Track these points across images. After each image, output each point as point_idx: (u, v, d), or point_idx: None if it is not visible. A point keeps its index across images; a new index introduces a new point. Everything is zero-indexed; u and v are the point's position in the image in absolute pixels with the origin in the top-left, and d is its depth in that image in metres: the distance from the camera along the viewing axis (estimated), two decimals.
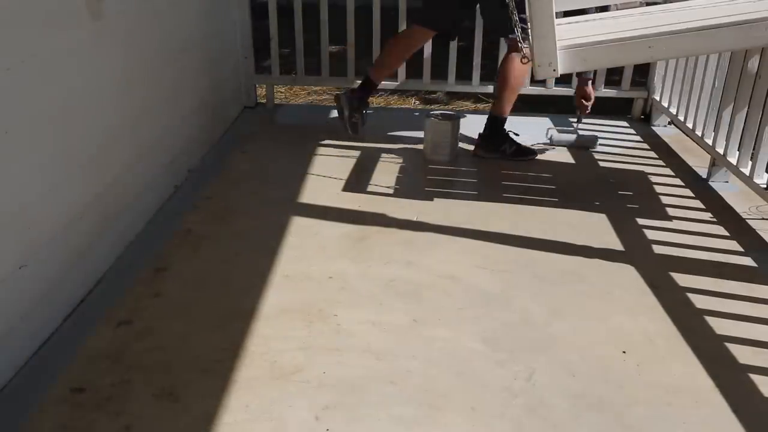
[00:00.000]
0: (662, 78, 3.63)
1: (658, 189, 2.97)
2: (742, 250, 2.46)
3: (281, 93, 4.76)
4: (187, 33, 2.99)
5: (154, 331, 1.93)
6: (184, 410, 1.65)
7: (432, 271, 2.27)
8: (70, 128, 1.99)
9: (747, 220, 2.68)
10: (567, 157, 3.31)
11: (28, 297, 1.80)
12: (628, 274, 2.28)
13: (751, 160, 2.72)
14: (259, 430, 1.59)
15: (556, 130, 3.47)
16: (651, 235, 2.54)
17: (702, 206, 2.81)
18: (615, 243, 2.48)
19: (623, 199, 2.87)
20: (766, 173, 2.65)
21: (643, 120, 3.83)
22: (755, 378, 1.80)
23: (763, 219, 2.68)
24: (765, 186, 2.62)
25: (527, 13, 2.05)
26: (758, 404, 1.72)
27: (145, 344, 1.87)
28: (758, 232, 2.59)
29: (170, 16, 2.76)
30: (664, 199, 2.87)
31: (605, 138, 3.53)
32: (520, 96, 3.28)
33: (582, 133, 3.48)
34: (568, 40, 2.16)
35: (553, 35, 2.05)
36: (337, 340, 1.91)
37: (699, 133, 3.15)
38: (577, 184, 3.01)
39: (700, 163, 3.18)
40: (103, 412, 1.63)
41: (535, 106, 3.88)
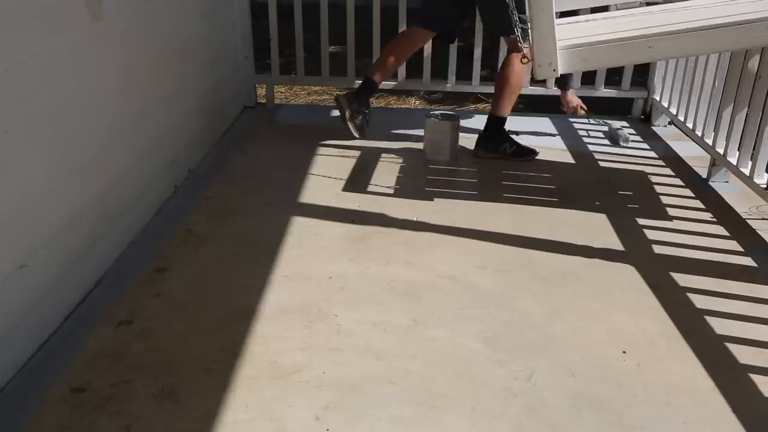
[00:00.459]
0: (662, 78, 3.63)
1: (658, 189, 2.97)
2: (743, 250, 2.45)
3: (281, 93, 4.77)
4: (187, 33, 2.99)
5: (155, 331, 1.93)
6: (184, 410, 1.65)
7: (432, 271, 2.27)
8: (70, 128, 1.99)
9: (747, 220, 2.68)
10: (567, 157, 3.31)
11: (28, 297, 1.80)
12: (628, 274, 2.28)
13: (751, 160, 2.72)
14: (259, 430, 1.59)
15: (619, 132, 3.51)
16: (651, 235, 2.54)
17: (702, 206, 2.80)
18: (615, 243, 2.48)
19: (623, 199, 2.87)
20: (766, 173, 2.65)
21: (643, 120, 3.83)
22: (755, 378, 1.80)
23: (763, 219, 2.68)
24: (765, 186, 2.62)
25: (527, 13, 2.05)
26: (758, 404, 1.72)
27: (146, 344, 1.87)
28: (758, 232, 2.59)
29: (170, 16, 2.76)
30: (665, 199, 2.86)
31: (605, 138, 3.54)
32: (521, 96, 3.27)
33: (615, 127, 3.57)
34: (569, 40, 2.15)
35: (554, 35, 2.05)
36: (337, 340, 1.91)
37: (699, 133, 3.15)
38: (577, 184, 3.01)
39: (700, 163, 3.18)
40: (103, 412, 1.63)
41: (535, 107, 3.88)
